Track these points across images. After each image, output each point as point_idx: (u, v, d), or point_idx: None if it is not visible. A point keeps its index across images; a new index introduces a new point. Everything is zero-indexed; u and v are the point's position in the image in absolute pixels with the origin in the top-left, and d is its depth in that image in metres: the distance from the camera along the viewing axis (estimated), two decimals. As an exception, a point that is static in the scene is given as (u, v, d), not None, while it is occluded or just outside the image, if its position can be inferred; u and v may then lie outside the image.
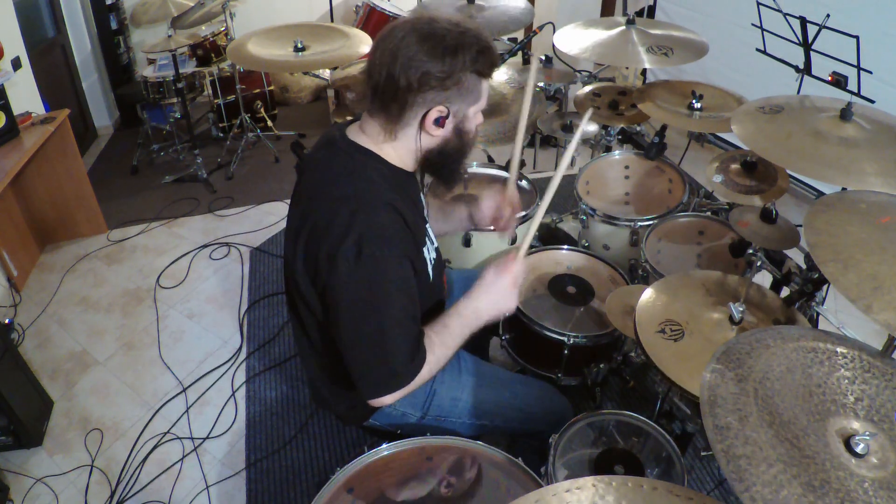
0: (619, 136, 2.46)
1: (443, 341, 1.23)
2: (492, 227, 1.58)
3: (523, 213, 2.01)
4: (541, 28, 2.53)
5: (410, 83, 1.07)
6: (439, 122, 1.13)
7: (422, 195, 1.37)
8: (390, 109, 1.12)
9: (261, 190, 3.49)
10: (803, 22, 1.97)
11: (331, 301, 1.14)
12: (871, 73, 1.84)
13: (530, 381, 1.54)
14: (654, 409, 1.56)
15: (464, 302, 1.26)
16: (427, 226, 1.34)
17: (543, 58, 2.53)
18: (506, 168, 1.96)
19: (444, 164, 1.22)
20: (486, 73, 1.14)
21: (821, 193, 2.93)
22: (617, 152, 2.29)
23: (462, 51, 1.07)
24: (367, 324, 1.13)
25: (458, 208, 1.62)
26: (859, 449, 0.79)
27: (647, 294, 1.42)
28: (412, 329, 1.18)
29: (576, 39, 2.17)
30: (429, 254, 1.29)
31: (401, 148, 1.19)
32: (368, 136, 1.19)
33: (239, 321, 2.53)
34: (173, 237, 3.09)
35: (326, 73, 3.58)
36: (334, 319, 1.15)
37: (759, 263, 1.64)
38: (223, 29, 3.70)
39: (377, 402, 1.18)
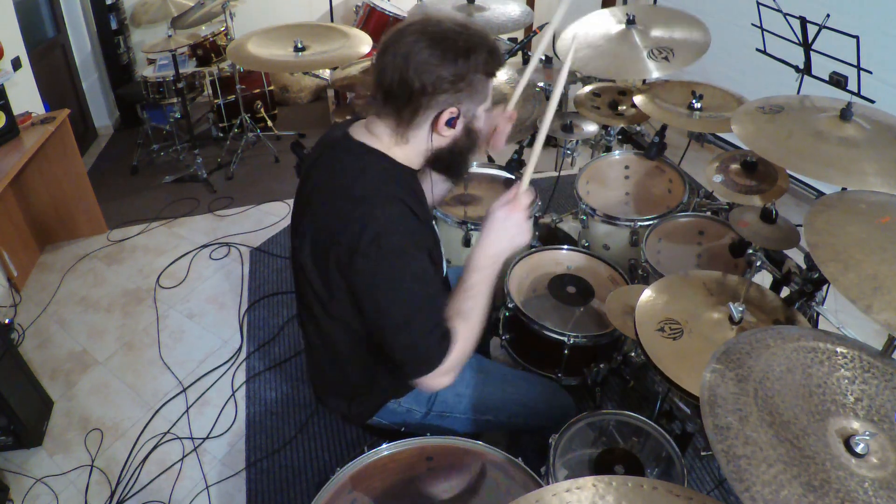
0: (619, 136, 2.46)
1: (469, 307, 1.18)
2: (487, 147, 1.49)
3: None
4: (541, 28, 2.53)
5: (424, 87, 1.08)
6: (451, 123, 1.14)
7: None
8: (402, 113, 1.13)
9: (261, 190, 3.49)
10: (803, 22, 1.97)
11: (359, 296, 1.14)
12: (871, 73, 1.84)
13: (533, 377, 1.55)
14: (654, 409, 1.56)
15: (478, 252, 1.18)
16: (434, 225, 1.35)
17: (543, 58, 2.53)
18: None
19: (452, 162, 1.23)
20: (493, 74, 1.15)
21: (821, 193, 2.93)
22: (617, 152, 2.29)
23: (473, 54, 1.08)
24: (397, 312, 1.12)
25: None
26: (859, 449, 0.79)
27: (647, 294, 1.42)
28: (437, 313, 1.16)
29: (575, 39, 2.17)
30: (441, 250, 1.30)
31: (410, 149, 1.19)
32: (376, 136, 1.19)
33: (239, 321, 2.53)
34: (173, 237, 3.09)
35: (326, 73, 3.59)
36: (369, 315, 1.15)
37: (759, 263, 1.63)
38: (223, 29, 3.70)
39: (430, 382, 1.15)
